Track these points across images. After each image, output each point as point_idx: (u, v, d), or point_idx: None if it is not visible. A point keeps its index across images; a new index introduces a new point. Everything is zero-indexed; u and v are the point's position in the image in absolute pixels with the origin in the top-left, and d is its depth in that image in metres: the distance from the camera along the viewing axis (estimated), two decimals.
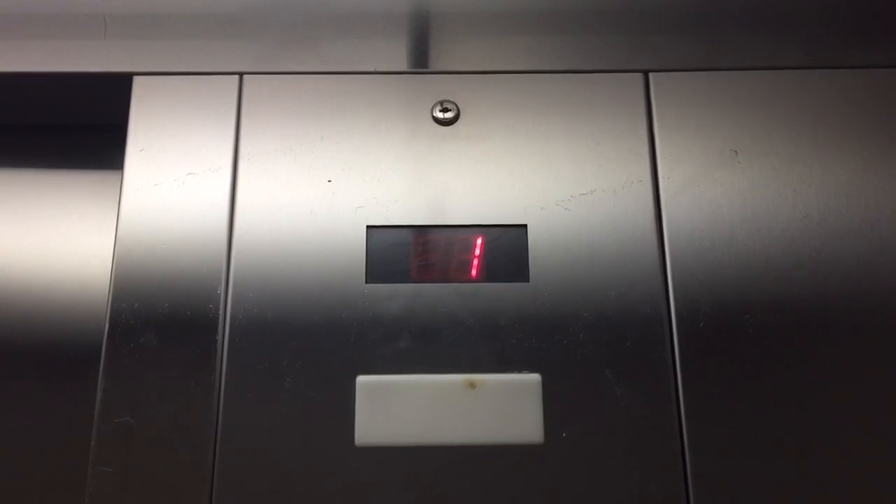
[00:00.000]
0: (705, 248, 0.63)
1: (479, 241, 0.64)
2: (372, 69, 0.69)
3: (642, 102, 0.68)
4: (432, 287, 0.62)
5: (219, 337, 0.61)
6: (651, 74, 0.69)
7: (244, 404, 0.59)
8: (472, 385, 0.60)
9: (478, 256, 0.63)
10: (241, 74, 0.69)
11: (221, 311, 0.61)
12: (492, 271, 0.63)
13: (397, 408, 0.59)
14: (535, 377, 0.60)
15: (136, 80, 0.68)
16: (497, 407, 0.59)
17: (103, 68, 0.69)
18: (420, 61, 0.70)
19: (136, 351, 0.60)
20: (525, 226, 0.64)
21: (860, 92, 0.68)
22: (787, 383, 0.60)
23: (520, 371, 0.60)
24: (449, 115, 0.67)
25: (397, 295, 0.62)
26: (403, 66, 0.70)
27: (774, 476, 0.58)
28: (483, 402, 0.59)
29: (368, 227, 0.64)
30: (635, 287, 0.62)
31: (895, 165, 0.66)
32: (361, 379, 0.60)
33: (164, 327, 0.61)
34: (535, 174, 0.66)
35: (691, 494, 0.58)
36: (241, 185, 0.65)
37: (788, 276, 0.63)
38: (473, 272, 0.63)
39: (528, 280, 0.63)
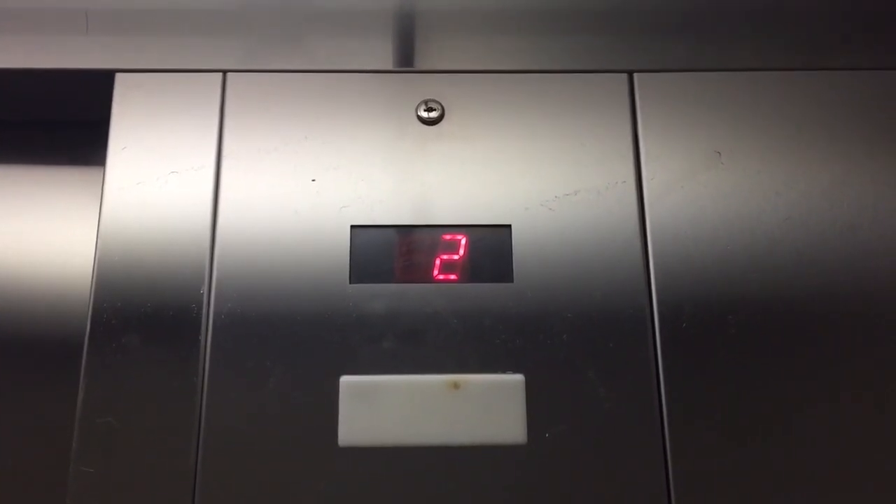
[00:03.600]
0: (688, 248, 0.64)
1: (463, 241, 0.64)
2: (357, 68, 0.69)
3: (627, 103, 0.68)
4: (416, 287, 0.62)
5: (202, 337, 0.61)
6: (636, 75, 0.69)
7: (227, 404, 0.59)
8: (455, 386, 0.60)
9: (462, 257, 0.63)
10: (224, 72, 0.68)
11: (204, 311, 0.61)
12: (476, 272, 0.63)
13: (381, 408, 0.59)
14: (518, 378, 0.60)
15: (119, 76, 0.68)
16: (480, 407, 0.59)
17: (85, 65, 0.69)
18: (405, 60, 0.70)
19: (119, 350, 0.60)
20: (509, 226, 0.64)
21: (845, 94, 0.68)
22: (769, 383, 0.61)
23: (503, 371, 0.60)
24: (434, 114, 0.67)
25: (381, 295, 0.62)
26: (388, 65, 0.69)
27: (756, 474, 0.59)
28: (466, 403, 0.60)
29: (353, 226, 0.64)
30: (619, 288, 0.62)
31: (878, 170, 0.66)
32: (345, 379, 0.60)
33: (147, 327, 0.61)
34: (519, 174, 0.66)
35: (673, 494, 0.58)
36: (224, 184, 0.65)
37: (771, 278, 0.63)
38: (457, 272, 0.63)
39: (511, 280, 0.63)
